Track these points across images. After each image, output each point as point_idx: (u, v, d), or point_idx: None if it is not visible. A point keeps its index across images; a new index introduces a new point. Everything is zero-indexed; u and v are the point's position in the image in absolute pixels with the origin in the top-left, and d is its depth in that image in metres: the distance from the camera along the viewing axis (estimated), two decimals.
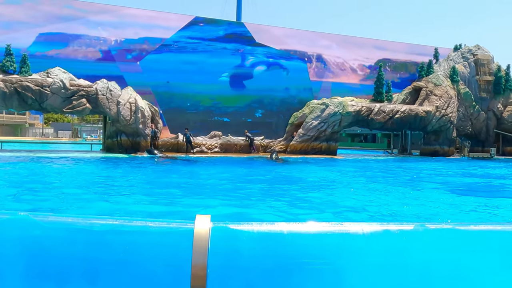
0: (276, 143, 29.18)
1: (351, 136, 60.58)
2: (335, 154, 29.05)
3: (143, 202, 8.29)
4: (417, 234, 1.45)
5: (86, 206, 7.51)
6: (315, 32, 32.54)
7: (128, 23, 27.11)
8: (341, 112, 28.99)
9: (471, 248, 1.43)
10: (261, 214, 7.08)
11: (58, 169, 15.54)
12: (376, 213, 7.54)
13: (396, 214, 7.45)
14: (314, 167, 19.16)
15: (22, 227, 1.35)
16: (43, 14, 25.35)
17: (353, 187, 11.40)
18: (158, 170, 16.86)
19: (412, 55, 34.61)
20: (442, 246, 1.42)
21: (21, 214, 1.39)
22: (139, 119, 24.62)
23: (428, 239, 1.44)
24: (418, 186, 11.91)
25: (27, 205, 7.50)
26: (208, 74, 28.63)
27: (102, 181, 11.93)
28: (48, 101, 23.08)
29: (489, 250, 1.43)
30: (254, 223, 1.42)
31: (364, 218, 6.91)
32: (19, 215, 1.39)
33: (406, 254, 1.40)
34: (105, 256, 1.32)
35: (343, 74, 32.50)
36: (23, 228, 1.34)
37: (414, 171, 18.27)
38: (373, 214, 7.43)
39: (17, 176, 12.92)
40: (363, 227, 1.42)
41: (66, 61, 25.17)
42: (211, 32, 28.91)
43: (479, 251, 1.43)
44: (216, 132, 28.10)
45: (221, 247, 1.35)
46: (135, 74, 26.85)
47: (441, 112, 31.83)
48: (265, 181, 13.10)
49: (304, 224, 1.44)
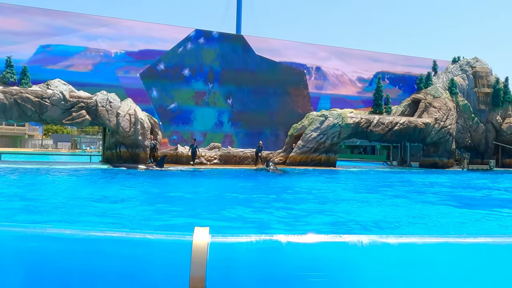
0: (276, 155, 29.19)
1: (350, 147, 60.58)
2: (334, 165, 29.05)
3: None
4: (417, 247, 1.44)
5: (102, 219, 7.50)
6: (314, 45, 32.75)
7: (128, 35, 27.28)
8: (340, 124, 29.06)
9: (473, 262, 1.43)
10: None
11: (57, 180, 15.51)
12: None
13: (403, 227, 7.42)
14: (322, 178, 19.17)
15: (19, 239, 1.34)
16: (44, 27, 25.51)
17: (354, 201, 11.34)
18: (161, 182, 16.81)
19: (411, 67, 34.80)
20: (443, 259, 1.42)
21: (19, 226, 1.39)
22: (139, 131, 24.65)
23: (428, 252, 1.43)
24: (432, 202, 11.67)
25: (25, 217, 7.47)
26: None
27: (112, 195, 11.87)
28: (47, 112, 23.13)
29: (492, 264, 1.43)
30: (252, 235, 1.41)
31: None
32: (16, 227, 1.38)
33: (405, 267, 1.40)
34: (104, 269, 1.32)
35: (342, 86, 32.64)
36: (20, 240, 1.34)
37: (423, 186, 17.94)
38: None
39: (14, 188, 12.88)
40: (362, 239, 1.42)
41: (66, 72, 25.27)
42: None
43: (482, 265, 1.42)
44: (215, 144, 28.12)
45: (220, 259, 1.34)
46: (135, 86, 26.94)
47: (440, 124, 31.91)
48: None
49: (302, 236, 1.43)
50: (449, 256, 1.43)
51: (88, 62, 26.30)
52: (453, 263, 1.41)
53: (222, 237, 1.40)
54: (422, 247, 1.44)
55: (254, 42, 30.29)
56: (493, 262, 1.43)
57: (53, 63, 25.43)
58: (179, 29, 28.90)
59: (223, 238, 1.40)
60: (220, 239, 1.39)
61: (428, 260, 1.41)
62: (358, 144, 56.64)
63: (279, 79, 30.45)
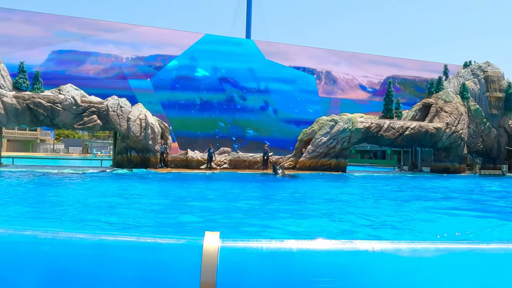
0: (285, 159, 29.14)
1: (360, 152, 60.29)
2: (344, 170, 28.91)
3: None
4: (428, 253, 1.43)
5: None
6: (324, 49, 32.74)
7: (139, 41, 27.51)
8: (351, 128, 28.93)
9: (486, 268, 1.41)
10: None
11: (69, 184, 15.62)
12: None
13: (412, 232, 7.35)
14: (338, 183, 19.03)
15: (32, 243, 1.35)
16: (56, 32, 25.82)
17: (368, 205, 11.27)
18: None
19: (422, 71, 34.62)
20: (455, 265, 1.40)
21: (31, 230, 1.40)
22: (149, 135, 24.77)
23: (441, 258, 1.41)
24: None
25: (37, 221, 7.53)
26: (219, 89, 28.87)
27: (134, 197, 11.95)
28: (59, 117, 23.34)
29: (506, 270, 1.40)
30: (263, 240, 1.41)
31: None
32: (30, 231, 1.39)
33: (417, 273, 1.38)
34: (114, 273, 1.32)
35: (352, 90, 32.56)
36: (33, 244, 1.35)
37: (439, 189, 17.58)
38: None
39: (27, 192, 13.00)
40: (373, 245, 1.41)
41: (77, 78, 25.54)
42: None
43: (496, 271, 1.40)
44: (225, 148, 28.16)
45: (230, 264, 1.34)
46: (146, 91, 27.12)
47: (451, 128, 31.65)
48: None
49: (313, 242, 1.42)
50: (462, 263, 1.41)
51: (100, 67, 26.56)
52: (466, 269, 1.40)
53: (232, 242, 1.40)
54: (435, 252, 1.43)
55: (263, 47, 30.37)
56: (508, 269, 1.41)
57: (65, 68, 25.72)
58: (189, 34, 29.08)
59: (233, 243, 1.40)
60: (230, 244, 1.38)
61: (441, 266, 1.39)
62: (368, 149, 56.35)
63: (289, 83, 30.47)
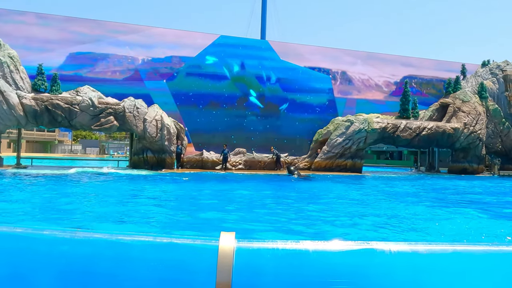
0: (301, 160, 29.07)
1: (376, 153, 59.80)
2: (360, 171, 28.71)
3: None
4: (446, 255, 1.41)
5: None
6: (339, 49, 32.58)
7: (155, 42, 27.73)
8: (366, 129, 28.72)
9: (506, 270, 1.38)
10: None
11: (88, 184, 15.81)
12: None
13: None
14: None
15: (50, 242, 1.37)
16: (73, 35, 26.18)
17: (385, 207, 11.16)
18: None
19: (439, 71, 34.20)
20: (473, 267, 1.38)
21: (50, 230, 1.42)
22: (165, 136, 24.94)
23: (459, 260, 1.39)
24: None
25: (59, 221, 7.63)
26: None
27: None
28: (77, 118, 23.65)
29: None
30: (278, 241, 1.41)
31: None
32: (48, 231, 1.41)
33: (434, 274, 1.36)
34: (131, 272, 1.33)
35: (368, 90, 32.32)
36: (51, 244, 1.37)
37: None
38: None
39: (47, 191, 13.19)
40: (390, 246, 1.39)
41: (95, 79, 25.85)
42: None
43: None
44: (240, 149, 28.20)
45: (246, 265, 1.34)
46: (162, 92, 27.33)
47: (469, 129, 31.21)
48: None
49: (329, 243, 1.42)
50: (481, 265, 1.39)
51: (116, 69, 26.83)
52: (485, 272, 1.37)
53: (248, 243, 1.40)
54: (453, 254, 1.41)
55: (278, 48, 30.34)
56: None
57: (82, 70, 26.06)
58: (204, 35, 29.19)
59: (249, 243, 1.40)
60: (246, 245, 1.38)
61: (459, 268, 1.38)
62: (384, 150, 55.88)
63: (304, 83, 30.40)
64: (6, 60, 23.15)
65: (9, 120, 22.48)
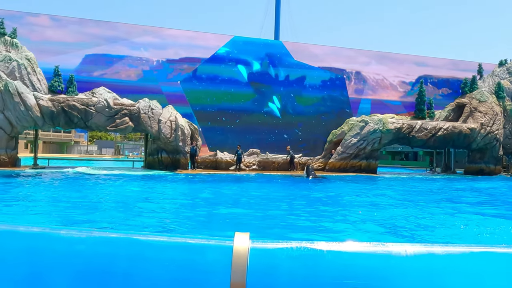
0: (315, 161, 28.97)
1: (391, 154, 59.38)
2: (375, 172, 28.51)
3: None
4: (463, 257, 1.39)
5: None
6: (353, 49, 32.41)
7: (169, 43, 27.93)
8: (381, 129, 28.51)
9: None
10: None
11: (107, 184, 15.97)
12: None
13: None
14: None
15: (67, 242, 1.39)
16: (89, 37, 26.51)
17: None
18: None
19: (455, 71, 33.81)
20: (491, 270, 1.36)
21: (67, 230, 1.43)
22: (179, 137, 25.08)
23: (477, 262, 1.37)
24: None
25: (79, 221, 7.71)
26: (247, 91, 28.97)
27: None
28: (92, 119, 23.92)
29: None
30: (293, 242, 1.40)
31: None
32: (65, 230, 1.43)
33: (451, 277, 1.35)
34: (146, 272, 1.34)
35: (382, 90, 32.09)
36: (68, 243, 1.38)
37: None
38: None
39: (66, 191, 13.36)
40: (406, 248, 1.38)
41: (110, 80, 26.13)
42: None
43: None
44: (254, 150, 28.22)
45: (260, 265, 1.34)
46: (176, 92, 27.50)
47: (486, 129, 30.78)
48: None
49: (344, 244, 1.41)
50: (499, 267, 1.36)
51: (131, 70, 27.09)
52: (504, 274, 1.35)
53: (262, 243, 1.40)
54: (470, 257, 1.39)
55: (292, 48, 30.31)
56: None
57: (98, 71, 26.36)
58: (218, 36, 29.30)
59: (263, 244, 1.40)
60: (260, 245, 1.38)
61: (476, 271, 1.36)
62: (399, 150, 55.44)
63: (318, 84, 30.31)
64: (23, 62, 23.52)
65: (26, 121, 22.83)
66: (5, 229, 1.43)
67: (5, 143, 22.73)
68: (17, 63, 23.34)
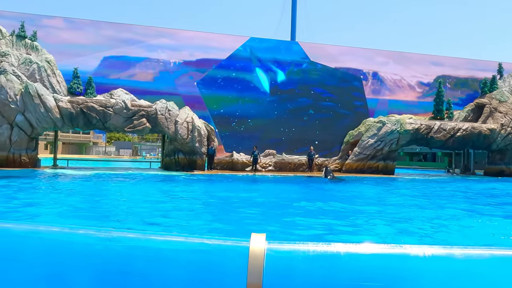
0: (331, 162, 28.81)
1: (409, 154, 58.71)
2: (392, 173, 28.23)
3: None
4: (483, 259, 1.37)
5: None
6: (370, 49, 32.18)
7: (186, 45, 28.11)
8: (399, 130, 28.22)
9: None
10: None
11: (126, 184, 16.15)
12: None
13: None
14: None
15: (86, 242, 1.40)
16: (107, 39, 26.86)
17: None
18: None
19: (474, 71, 33.29)
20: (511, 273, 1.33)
21: (85, 229, 1.45)
22: (196, 138, 25.20)
23: (496, 265, 1.35)
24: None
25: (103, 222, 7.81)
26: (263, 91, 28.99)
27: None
28: (111, 120, 24.19)
29: None
30: (309, 243, 1.40)
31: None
32: (83, 230, 1.45)
33: (470, 280, 1.33)
34: (163, 272, 1.35)
35: (400, 91, 31.78)
36: (87, 243, 1.40)
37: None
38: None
39: (85, 191, 13.55)
40: (424, 250, 1.36)
41: (127, 82, 26.43)
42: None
43: None
44: (270, 151, 28.20)
45: (276, 266, 1.34)
46: (192, 94, 27.65)
47: (506, 130, 30.22)
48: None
49: (361, 245, 1.40)
50: None
51: (149, 72, 27.35)
52: None
53: (278, 244, 1.39)
54: (490, 259, 1.36)
55: (309, 49, 30.21)
56: None
57: (116, 73, 26.68)
58: (235, 37, 29.37)
59: (280, 245, 1.39)
60: (276, 246, 1.38)
61: (496, 274, 1.33)
62: (417, 151, 54.78)
63: (335, 85, 30.16)
64: (43, 65, 23.93)
65: (46, 122, 23.21)
66: (26, 229, 1.45)
67: (25, 144, 23.14)
68: (37, 65, 23.75)
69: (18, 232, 1.43)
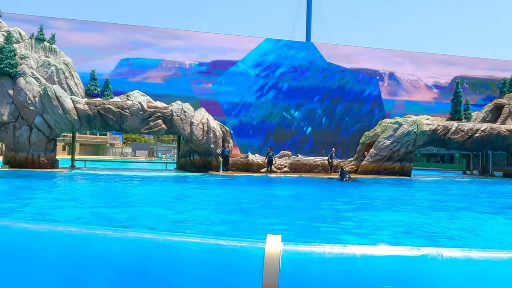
0: (347, 163, 28.64)
1: (426, 156, 58.07)
2: (409, 175, 27.93)
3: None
4: (502, 262, 1.35)
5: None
6: (387, 50, 31.94)
7: (201, 47, 28.27)
8: (416, 131, 27.92)
9: None
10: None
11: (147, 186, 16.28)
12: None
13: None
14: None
15: (103, 242, 1.42)
16: (124, 42, 27.16)
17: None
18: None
19: (493, 71, 32.80)
20: None
21: (102, 230, 1.47)
22: (211, 139, 25.30)
23: None
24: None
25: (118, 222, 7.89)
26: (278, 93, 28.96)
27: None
28: (127, 122, 24.43)
29: None
30: (325, 245, 1.39)
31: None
32: (100, 230, 1.46)
33: (489, 283, 1.30)
34: (180, 273, 1.35)
35: (417, 91, 31.47)
36: (104, 243, 1.42)
37: None
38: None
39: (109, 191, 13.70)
40: (442, 253, 1.35)
41: (144, 84, 26.66)
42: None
43: None
44: (285, 152, 28.17)
45: (292, 268, 1.33)
46: (207, 95, 27.77)
47: None
48: None
49: (378, 248, 1.39)
50: None
51: (164, 74, 27.57)
52: None
53: (294, 246, 1.39)
54: (509, 262, 1.34)
55: (324, 49, 30.10)
56: None
57: (132, 75, 26.95)
58: (250, 39, 29.42)
59: (295, 246, 1.39)
60: (292, 248, 1.38)
61: None
62: (435, 152, 54.15)
63: (350, 86, 30.00)
64: (61, 67, 24.28)
65: (64, 124, 23.54)
66: (45, 229, 1.47)
67: (44, 145, 23.49)
68: (55, 67, 24.12)
69: (37, 232, 1.46)
